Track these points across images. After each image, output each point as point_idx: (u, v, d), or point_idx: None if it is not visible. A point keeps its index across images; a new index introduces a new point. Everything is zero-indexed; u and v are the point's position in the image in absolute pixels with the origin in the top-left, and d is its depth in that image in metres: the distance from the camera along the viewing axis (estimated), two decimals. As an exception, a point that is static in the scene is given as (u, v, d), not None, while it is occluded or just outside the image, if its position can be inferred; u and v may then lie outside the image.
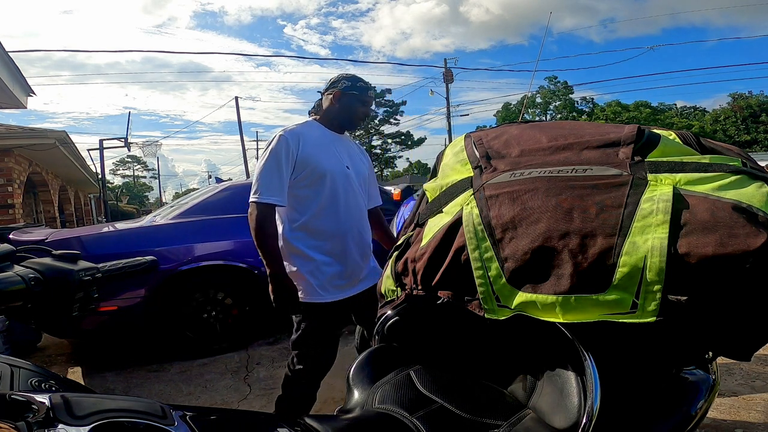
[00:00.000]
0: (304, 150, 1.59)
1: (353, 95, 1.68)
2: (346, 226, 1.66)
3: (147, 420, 0.55)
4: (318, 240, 1.62)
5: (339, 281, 1.65)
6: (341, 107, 1.69)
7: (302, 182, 1.61)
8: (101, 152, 11.76)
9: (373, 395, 0.96)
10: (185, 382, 2.89)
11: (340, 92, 1.67)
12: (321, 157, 1.62)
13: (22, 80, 5.42)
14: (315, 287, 1.61)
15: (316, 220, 1.62)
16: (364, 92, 1.69)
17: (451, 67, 24.18)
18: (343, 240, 1.66)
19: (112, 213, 14.83)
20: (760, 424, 2.06)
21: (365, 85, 1.70)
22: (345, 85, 1.67)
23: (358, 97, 1.69)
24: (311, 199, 1.61)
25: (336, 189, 1.63)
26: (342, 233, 1.65)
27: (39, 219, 9.96)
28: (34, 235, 3.25)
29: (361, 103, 1.70)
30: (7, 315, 0.90)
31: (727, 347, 0.83)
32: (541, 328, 0.87)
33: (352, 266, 1.68)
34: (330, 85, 1.71)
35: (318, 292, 1.61)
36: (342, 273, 1.65)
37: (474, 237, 0.90)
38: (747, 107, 27.56)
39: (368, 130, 36.68)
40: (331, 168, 1.63)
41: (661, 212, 0.77)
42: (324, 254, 1.63)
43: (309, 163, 1.59)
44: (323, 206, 1.62)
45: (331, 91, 1.69)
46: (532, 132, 1.07)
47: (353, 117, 1.72)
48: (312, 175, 1.60)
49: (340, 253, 1.65)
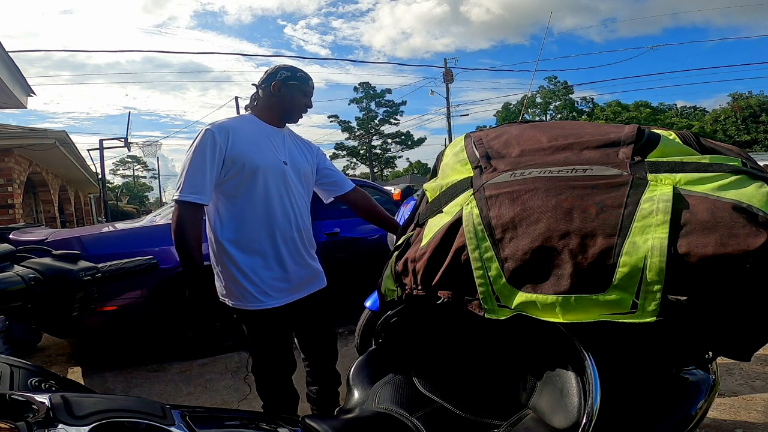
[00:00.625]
0: (234, 145, 1.48)
1: (294, 85, 1.58)
2: (284, 225, 1.55)
3: (147, 420, 0.55)
4: (252, 241, 1.51)
5: (281, 284, 1.53)
6: (281, 98, 1.58)
7: (233, 179, 1.49)
8: (101, 152, 11.76)
9: (373, 395, 0.96)
10: (185, 382, 2.89)
11: (279, 83, 1.57)
12: (253, 152, 1.50)
13: (22, 80, 5.43)
14: (253, 293, 1.49)
15: (250, 220, 1.51)
16: (305, 82, 1.60)
17: (451, 67, 24.17)
18: (282, 240, 1.54)
19: (112, 213, 14.83)
20: (760, 424, 2.06)
21: (305, 75, 1.61)
22: (284, 76, 1.57)
23: (298, 87, 1.59)
24: (243, 197, 1.50)
25: (269, 186, 1.51)
26: (279, 233, 1.54)
27: (39, 219, 9.96)
28: (34, 235, 3.25)
29: (302, 94, 1.60)
30: (7, 315, 0.90)
31: (727, 347, 0.83)
32: (541, 328, 0.87)
33: (293, 267, 1.56)
34: (267, 77, 1.60)
35: (257, 298, 1.49)
36: (283, 276, 1.54)
37: (474, 237, 0.90)
38: (747, 107, 27.56)
39: (368, 130, 36.70)
40: (264, 164, 1.51)
41: (661, 212, 0.77)
42: (260, 256, 1.51)
43: (239, 159, 1.48)
44: (256, 204, 1.51)
45: (269, 82, 1.58)
46: (532, 132, 1.07)
47: (294, 108, 1.61)
48: (243, 171, 1.48)
49: (278, 254, 1.53)
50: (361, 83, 36.62)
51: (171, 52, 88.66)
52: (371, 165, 37.33)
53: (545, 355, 0.93)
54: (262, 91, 1.60)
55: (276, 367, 1.57)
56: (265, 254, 1.52)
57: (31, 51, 17.79)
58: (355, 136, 37.61)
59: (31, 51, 17.79)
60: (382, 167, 39.13)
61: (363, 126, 36.91)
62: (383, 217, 1.83)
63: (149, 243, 3.25)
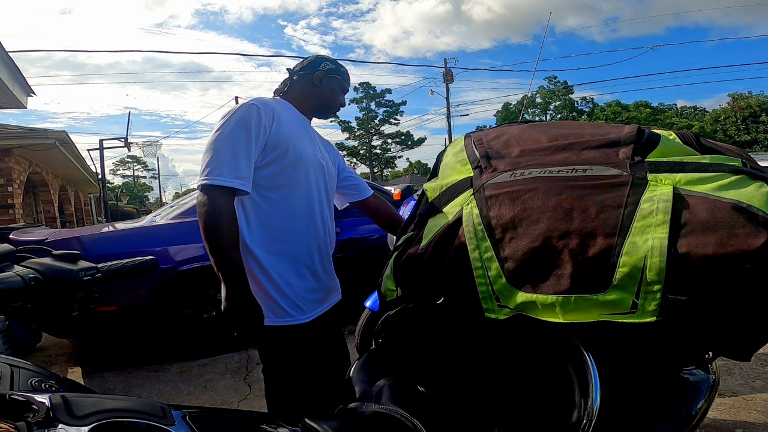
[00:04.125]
0: (279, 127, 1.27)
1: (336, 79, 1.47)
2: (320, 227, 1.37)
3: (147, 420, 0.55)
4: (287, 244, 1.29)
5: (312, 295, 1.33)
6: (321, 90, 1.45)
7: (271, 166, 1.26)
8: (101, 152, 11.76)
9: (373, 395, 0.96)
10: (185, 382, 2.89)
11: (323, 74, 1.44)
12: (296, 139, 1.31)
13: (22, 80, 5.43)
14: (283, 306, 1.28)
15: (287, 217, 1.29)
16: (346, 79, 1.50)
17: (451, 67, 24.20)
18: (316, 245, 1.36)
19: (112, 213, 14.83)
20: (760, 424, 2.06)
21: (347, 71, 1.51)
22: (329, 67, 1.46)
23: (339, 83, 1.48)
24: (281, 189, 1.28)
25: (310, 180, 1.33)
26: (315, 236, 1.35)
27: (39, 219, 9.96)
28: (34, 235, 3.25)
29: (342, 90, 1.50)
30: (7, 315, 0.90)
31: (727, 347, 0.83)
32: (541, 328, 0.87)
33: (324, 276, 1.39)
34: (309, 65, 1.47)
35: (287, 312, 1.28)
36: (315, 286, 1.35)
37: (474, 237, 0.90)
38: (747, 107, 27.54)
39: (368, 130, 36.69)
40: (306, 154, 1.32)
41: (661, 212, 0.77)
42: (292, 263, 1.30)
43: (283, 143, 1.27)
44: (297, 199, 1.30)
45: (312, 71, 1.45)
46: (532, 132, 1.07)
47: (331, 103, 1.49)
48: (284, 157, 1.27)
49: (312, 261, 1.34)
50: (361, 83, 36.63)
51: (171, 52, 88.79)
52: (371, 165, 37.33)
53: (545, 355, 0.93)
54: (301, 79, 1.46)
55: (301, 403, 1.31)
56: (297, 260, 1.31)
57: (31, 51, 17.82)
58: (355, 136, 37.63)
59: (31, 51, 17.82)
60: (382, 167, 39.13)
61: (363, 126, 36.92)
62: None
63: (149, 243, 3.25)
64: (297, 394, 1.33)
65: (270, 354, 1.33)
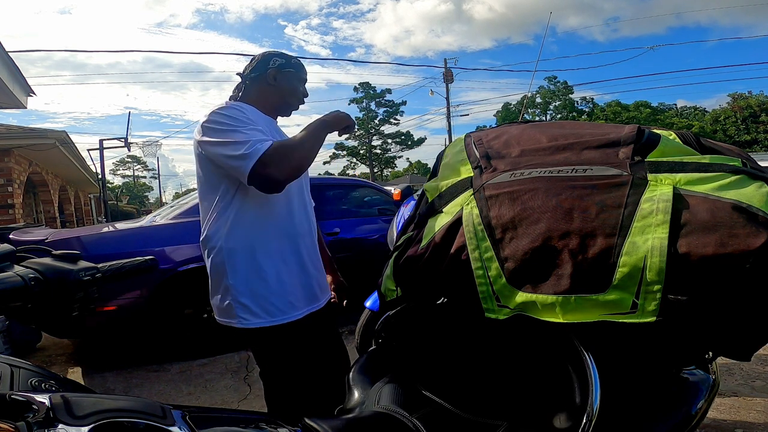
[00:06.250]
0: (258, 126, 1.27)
1: (291, 73, 1.42)
2: (306, 223, 1.39)
3: (147, 420, 0.55)
4: (272, 242, 1.30)
5: (303, 291, 1.34)
6: (279, 88, 1.41)
7: None
8: (101, 152, 11.76)
9: (373, 395, 0.96)
10: (185, 382, 2.89)
11: (275, 70, 1.40)
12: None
13: (22, 80, 5.43)
14: (276, 304, 1.28)
15: (271, 216, 1.30)
16: (301, 69, 1.45)
17: (451, 67, 24.21)
18: (303, 243, 1.37)
19: (112, 213, 14.83)
20: (760, 424, 2.06)
21: (299, 61, 1.46)
22: (279, 63, 1.40)
23: (295, 75, 1.43)
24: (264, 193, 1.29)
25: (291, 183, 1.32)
26: (300, 233, 1.36)
27: (39, 219, 9.96)
28: (34, 235, 3.25)
29: (299, 82, 1.45)
30: (7, 315, 0.90)
31: (727, 347, 0.83)
32: (541, 328, 0.87)
33: (314, 272, 1.39)
34: (258, 64, 1.42)
35: (281, 310, 1.28)
36: (305, 282, 1.35)
37: (474, 237, 0.90)
38: (747, 107, 27.55)
39: (368, 130, 36.70)
40: None
41: (661, 212, 0.77)
42: (282, 260, 1.31)
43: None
44: (278, 198, 1.29)
45: (262, 70, 1.40)
46: (532, 132, 1.07)
47: (292, 98, 1.44)
48: None
49: (299, 256, 1.35)
50: (361, 83, 36.70)
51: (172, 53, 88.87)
52: (371, 165, 37.35)
53: (545, 355, 0.93)
54: (253, 81, 1.42)
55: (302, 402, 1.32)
56: (284, 257, 1.32)
57: (32, 51, 17.78)
58: (355, 136, 37.64)
59: (32, 51, 17.78)
60: (382, 167, 39.15)
61: (363, 126, 36.93)
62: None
63: (149, 243, 3.26)
64: (296, 394, 1.33)
65: (266, 355, 1.34)
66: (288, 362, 1.32)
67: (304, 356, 1.34)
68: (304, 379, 1.33)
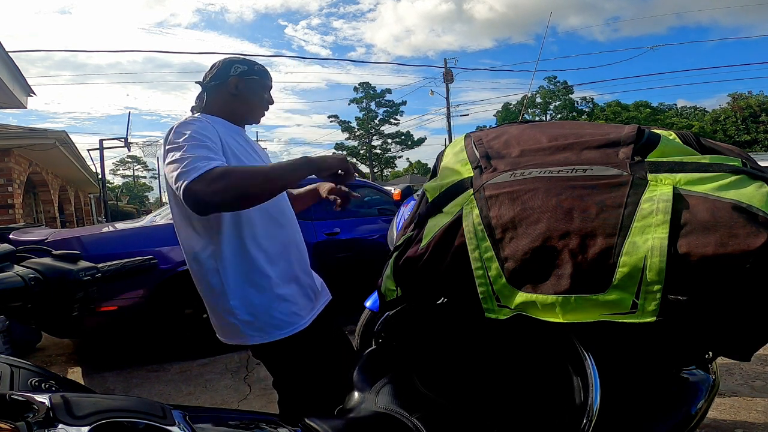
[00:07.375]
0: (226, 141, 1.23)
1: (254, 80, 1.35)
2: (292, 231, 1.38)
3: (147, 420, 0.55)
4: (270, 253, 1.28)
5: (303, 299, 1.33)
6: (243, 97, 1.34)
7: None
8: (101, 152, 11.77)
9: (373, 395, 0.96)
10: (185, 382, 2.89)
11: (237, 78, 1.32)
12: (243, 157, 1.27)
13: (22, 80, 5.43)
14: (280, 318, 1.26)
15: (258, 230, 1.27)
16: (265, 76, 1.38)
17: (451, 67, 24.24)
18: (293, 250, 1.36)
19: (112, 213, 14.83)
20: (760, 425, 2.06)
21: (263, 67, 1.38)
22: (240, 70, 1.33)
23: (259, 82, 1.36)
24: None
25: None
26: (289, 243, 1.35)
27: (39, 219, 9.97)
28: (34, 235, 3.25)
29: (263, 89, 1.38)
30: (7, 315, 0.90)
31: (727, 347, 0.83)
32: (541, 328, 0.87)
33: (306, 279, 1.38)
34: (218, 73, 1.34)
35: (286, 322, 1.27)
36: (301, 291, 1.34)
37: (474, 237, 0.90)
38: (747, 107, 27.56)
39: (368, 130, 36.71)
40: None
41: (661, 212, 0.77)
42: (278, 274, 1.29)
43: (237, 156, 1.24)
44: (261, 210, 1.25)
45: (223, 78, 1.33)
46: (532, 132, 1.07)
47: (256, 107, 1.39)
48: None
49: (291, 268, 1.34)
50: (361, 83, 36.70)
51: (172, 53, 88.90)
52: (371, 165, 37.34)
53: (545, 355, 0.93)
54: (215, 90, 1.35)
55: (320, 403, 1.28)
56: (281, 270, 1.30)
57: (32, 51, 17.77)
58: (355, 136, 37.68)
59: (32, 51, 17.77)
60: (382, 167, 39.16)
61: (363, 126, 36.95)
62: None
63: (149, 243, 3.26)
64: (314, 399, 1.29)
65: (281, 366, 1.34)
66: (303, 370, 1.32)
67: (317, 361, 1.33)
68: (320, 383, 1.31)
